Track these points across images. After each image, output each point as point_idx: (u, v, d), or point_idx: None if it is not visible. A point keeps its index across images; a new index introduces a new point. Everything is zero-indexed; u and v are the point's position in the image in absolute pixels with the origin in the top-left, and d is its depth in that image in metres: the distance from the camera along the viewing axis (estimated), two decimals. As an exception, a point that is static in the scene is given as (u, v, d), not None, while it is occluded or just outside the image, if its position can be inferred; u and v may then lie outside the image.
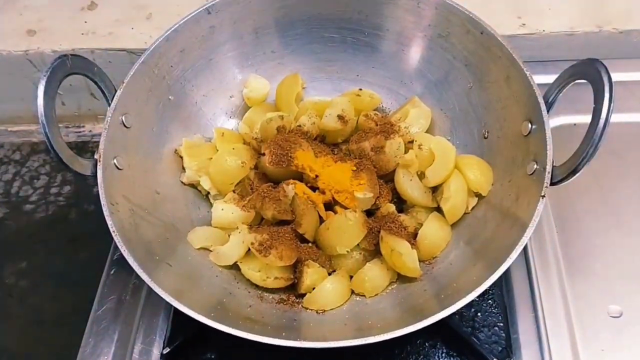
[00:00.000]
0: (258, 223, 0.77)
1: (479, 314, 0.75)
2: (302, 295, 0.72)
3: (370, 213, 0.76)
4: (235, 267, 0.74)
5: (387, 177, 0.78)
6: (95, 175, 0.67)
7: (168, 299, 0.59)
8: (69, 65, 0.67)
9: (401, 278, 0.73)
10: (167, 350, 0.73)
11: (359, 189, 0.74)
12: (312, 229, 0.74)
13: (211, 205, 0.79)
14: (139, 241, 0.67)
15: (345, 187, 0.74)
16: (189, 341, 0.74)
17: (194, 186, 0.82)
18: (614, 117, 0.58)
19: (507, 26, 0.95)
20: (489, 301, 0.76)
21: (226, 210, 0.75)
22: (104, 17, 1.00)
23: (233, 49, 0.85)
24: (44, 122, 0.63)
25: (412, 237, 0.73)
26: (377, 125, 0.80)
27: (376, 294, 0.72)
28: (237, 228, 0.73)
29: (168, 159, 0.80)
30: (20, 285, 0.92)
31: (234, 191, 0.79)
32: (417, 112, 0.82)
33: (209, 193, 0.81)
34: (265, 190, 0.74)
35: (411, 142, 0.78)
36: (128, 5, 1.02)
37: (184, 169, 0.80)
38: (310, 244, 0.74)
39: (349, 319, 0.69)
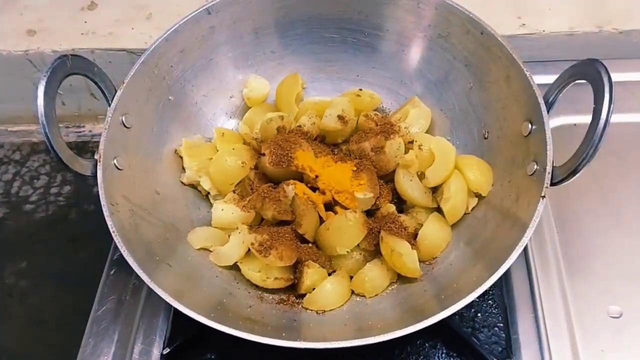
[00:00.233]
0: (258, 223, 0.77)
1: (479, 314, 0.75)
2: (302, 296, 0.72)
3: (370, 213, 0.76)
4: (235, 267, 0.74)
5: (387, 178, 0.78)
6: (95, 175, 0.67)
7: (168, 300, 0.59)
8: (69, 65, 0.67)
9: (401, 278, 0.73)
10: (167, 350, 0.73)
11: (359, 189, 0.74)
12: (312, 229, 0.74)
13: (211, 206, 0.79)
14: (139, 241, 0.67)
15: (345, 188, 0.74)
16: (189, 341, 0.74)
17: (194, 186, 0.82)
18: (614, 117, 0.58)
19: (507, 26, 0.95)
20: (489, 301, 0.76)
21: (226, 211, 0.75)
22: (104, 17, 1.00)
23: (233, 49, 0.85)
24: (44, 122, 0.63)
25: (412, 238, 0.73)
26: (377, 125, 0.80)
27: (376, 295, 0.72)
28: (237, 228, 0.73)
29: (168, 159, 0.80)
30: (20, 285, 0.92)
31: (234, 191, 0.79)
32: (417, 112, 0.82)
33: (209, 193, 0.81)
34: (266, 191, 0.74)
35: (411, 142, 0.78)
36: (128, 5, 1.02)
37: (184, 169, 0.80)
38: (310, 245, 0.74)
39: (349, 319, 0.69)
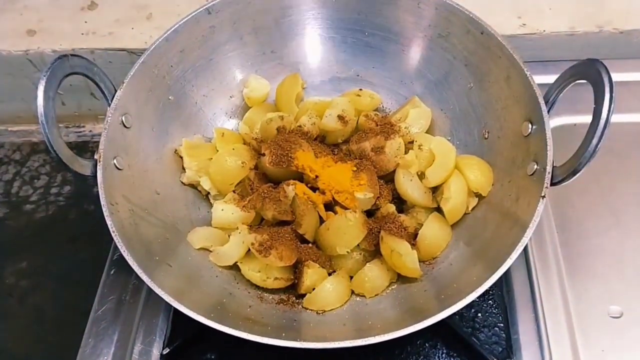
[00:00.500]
0: (258, 223, 0.77)
1: (479, 314, 0.75)
2: (302, 296, 0.72)
3: (370, 213, 0.76)
4: (235, 267, 0.74)
5: (387, 178, 0.78)
6: (95, 175, 0.67)
7: (168, 300, 0.59)
8: (69, 65, 0.67)
9: (401, 278, 0.73)
10: (167, 350, 0.73)
11: (359, 189, 0.73)
12: (312, 229, 0.74)
13: (211, 206, 0.79)
14: (139, 241, 0.67)
15: (345, 188, 0.74)
16: (188, 341, 0.74)
17: (194, 186, 0.82)
18: (614, 117, 0.58)
19: (507, 26, 0.95)
20: (489, 301, 0.76)
21: (226, 211, 0.75)
22: (104, 17, 1.00)
23: (233, 49, 0.85)
24: (44, 122, 0.63)
25: (412, 238, 0.73)
26: (377, 125, 0.80)
27: (376, 295, 0.72)
28: (237, 228, 0.73)
29: (168, 159, 0.80)
30: (20, 285, 0.92)
31: (234, 191, 0.78)
32: (417, 112, 0.82)
33: (209, 193, 0.81)
34: (266, 191, 0.74)
35: (411, 142, 0.78)
36: (128, 5, 1.02)
37: (184, 169, 0.80)
38: (310, 245, 0.74)
39: (349, 319, 0.69)
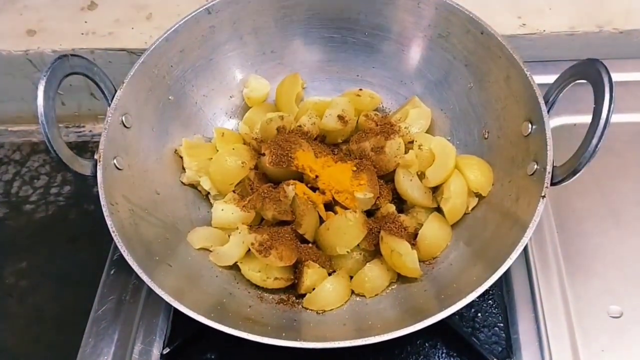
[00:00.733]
0: (258, 223, 0.77)
1: (479, 314, 0.75)
2: (302, 296, 0.72)
3: (370, 213, 0.76)
4: (235, 267, 0.74)
5: (387, 177, 0.78)
6: (95, 175, 0.67)
7: (168, 299, 0.59)
8: (69, 65, 0.67)
9: (401, 278, 0.73)
10: (167, 350, 0.73)
11: (359, 189, 0.73)
12: (312, 229, 0.74)
13: (211, 206, 0.79)
14: (139, 241, 0.67)
15: (345, 188, 0.74)
16: (189, 341, 0.74)
17: (194, 186, 0.82)
18: (614, 117, 0.58)
19: (507, 26, 0.95)
20: (489, 301, 0.76)
21: (226, 211, 0.75)
22: (104, 17, 1.00)
23: (233, 49, 0.85)
24: (44, 122, 0.63)
25: (412, 238, 0.73)
26: (377, 125, 0.80)
27: (376, 294, 0.72)
28: (237, 228, 0.73)
29: (168, 159, 0.80)
30: (20, 285, 0.92)
31: (234, 191, 0.78)
32: (417, 112, 0.82)
33: (209, 193, 0.81)
34: (266, 191, 0.74)
35: (411, 142, 0.78)
36: (128, 5, 1.02)
37: (184, 169, 0.80)
38: (310, 245, 0.74)
39: (349, 319, 0.69)
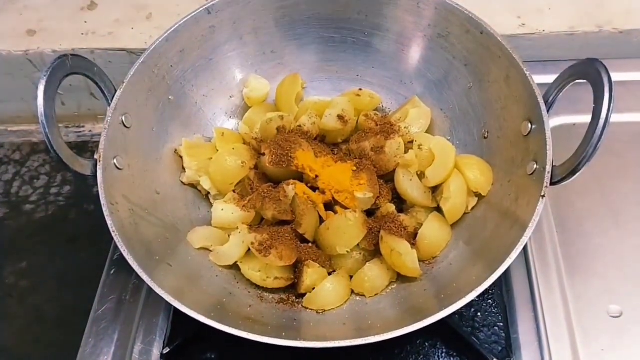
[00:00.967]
0: (258, 223, 0.77)
1: (479, 313, 0.75)
2: (302, 295, 0.72)
3: (370, 213, 0.76)
4: (235, 267, 0.74)
5: (387, 177, 0.78)
6: (95, 175, 0.67)
7: (168, 299, 0.59)
8: (69, 65, 0.67)
9: (401, 278, 0.73)
10: (167, 350, 0.73)
11: (359, 189, 0.74)
12: (312, 229, 0.74)
13: (211, 205, 0.79)
14: (139, 241, 0.67)
15: (345, 187, 0.74)
16: (189, 341, 0.74)
17: (194, 186, 0.82)
18: (614, 117, 0.58)
19: (507, 26, 0.95)
20: (489, 301, 0.76)
21: (226, 211, 0.75)
22: (104, 17, 1.00)
23: (233, 49, 0.85)
24: (44, 122, 0.63)
25: (412, 237, 0.73)
26: (377, 125, 0.80)
27: (376, 294, 0.72)
28: (237, 228, 0.73)
29: (168, 159, 0.80)
30: (20, 285, 0.92)
31: (234, 191, 0.78)
32: (417, 112, 0.82)
33: (209, 193, 0.81)
34: (266, 191, 0.74)
35: (411, 142, 0.78)
36: (128, 5, 1.02)
37: (184, 169, 0.80)
38: (310, 244, 0.74)
39: (348, 318, 0.69)
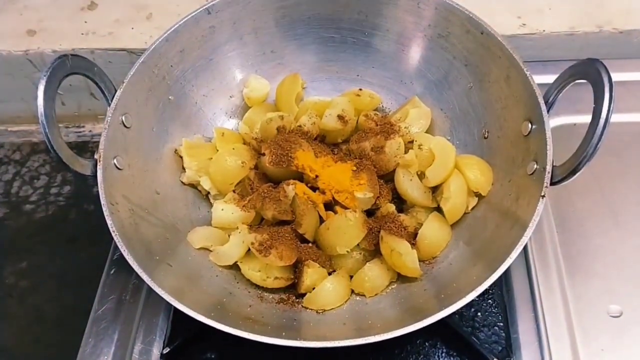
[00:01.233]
0: (258, 223, 0.77)
1: (479, 313, 0.75)
2: (302, 295, 0.72)
3: (370, 213, 0.76)
4: (235, 267, 0.74)
5: (387, 177, 0.78)
6: (95, 175, 0.67)
7: (168, 299, 0.59)
8: (69, 65, 0.67)
9: (401, 278, 0.73)
10: (167, 350, 0.73)
11: (359, 189, 0.74)
12: (312, 229, 0.74)
13: (211, 205, 0.79)
14: (139, 241, 0.67)
15: (345, 187, 0.74)
16: (189, 341, 0.74)
17: (194, 186, 0.82)
18: (614, 117, 0.58)
19: (507, 26, 0.95)
20: (489, 301, 0.76)
21: (226, 210, 0.75)
22: (104, 17, 1.00)
23: (233, 49, 0.85)
24: (44, 122, 0.63)
25: (412, 237, 0.73)
26: (377, 125, 0.80)
27: (376, 294, 0.72)
28: (237, 228, 0.73)
29: (168, 159, 0.80)
30: (20, 285, 0.92)
31: (234, 191, 0.78)
32: (417, 112, 0.82)
33: (209, 193, 0.81)
34: (266, 191, 0.74)
35: (411, 142, 0.78)
36: (128, 5, 1.02)
37: (184, 169, 0.80)
38: (310, 244, 0.74)
39: (348, 318, 0.69)
